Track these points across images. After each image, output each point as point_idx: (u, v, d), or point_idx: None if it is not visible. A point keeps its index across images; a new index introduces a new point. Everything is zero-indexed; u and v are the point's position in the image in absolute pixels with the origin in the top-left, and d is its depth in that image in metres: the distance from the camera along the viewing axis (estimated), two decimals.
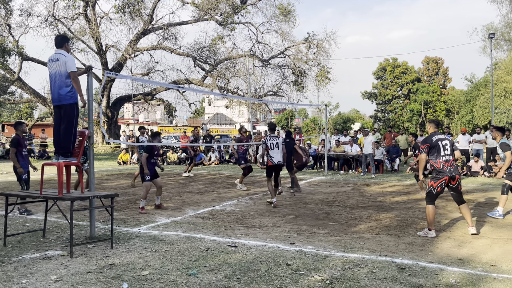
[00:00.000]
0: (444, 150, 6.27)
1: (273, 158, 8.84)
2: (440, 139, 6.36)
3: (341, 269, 4.58)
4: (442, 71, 58.06)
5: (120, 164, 20.02)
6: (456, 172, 6.28)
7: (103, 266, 4.64)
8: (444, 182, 6.22)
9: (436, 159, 6.24)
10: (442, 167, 6.19)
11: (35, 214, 7.75)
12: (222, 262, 4.81)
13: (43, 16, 27.34)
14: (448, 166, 6.20)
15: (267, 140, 8.91)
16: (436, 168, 6.23)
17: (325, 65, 31.30)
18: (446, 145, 6.32)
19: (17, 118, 58.65)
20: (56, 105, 5.51)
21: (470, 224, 6.36)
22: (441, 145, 6.28)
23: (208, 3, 28.23)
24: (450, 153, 6.30)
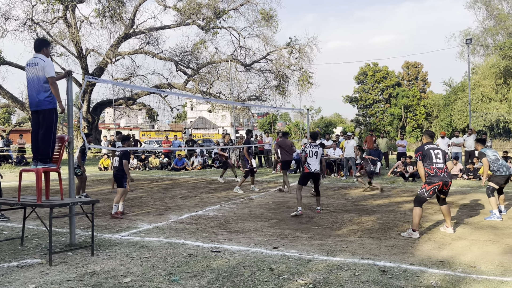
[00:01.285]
0: (436, 158, 6.56)
1: (310, 165, 8.55)
2: (432, 148, 6.67)
3: (324, 273, 4.59)
4: (422, 76, 59.17)
5: (101, 169, 19.73)
6: (450, 179, 6.65)
7: (84, 274, 4.55)
8: (437, 187, 6.51)
9: (429, 166, 6.51)
10: (436, 173, 6.47)
11: (13, 222, 7.56)
12: (205, 267, 4.78)
13: (22, 20, 26.78)
14: (442, 173, 6.51)
15: (306, 147, 8.78)
16: (429, 174, 6.50)
17: (307, 69, 31.51)
18: (438, 154, 6.63)
19: None
20: (34, 110, 5.40)
21: (448, 225, 6.61)
22: (433, 153, 6.59)
23: (190, 7, 28.14)
24: (442, 161, 6.61)
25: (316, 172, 8.62)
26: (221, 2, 29.89)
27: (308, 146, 8.83)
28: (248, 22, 31.00)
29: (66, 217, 6.28)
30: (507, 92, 38.54)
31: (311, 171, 8.56)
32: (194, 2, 28.15)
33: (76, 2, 26.32)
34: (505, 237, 6.34)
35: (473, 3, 43.26)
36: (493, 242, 6.02)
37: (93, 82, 28.31)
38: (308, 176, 8.68)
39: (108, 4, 25.61)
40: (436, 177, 6.47)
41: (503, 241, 6.06)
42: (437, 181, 6.46)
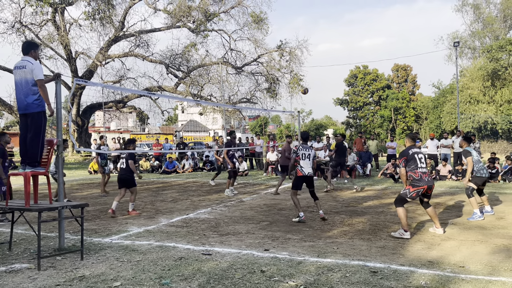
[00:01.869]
0: (420, 162, 6.63)
1: (303, 169, 8.14)
2: (416, 152, 6.71)
3: (315, 275, 4.61)
4: (411, 78, 59.74)
5: (91, 173, 19.58)
6: (433, 183, 6.75)
7: (73, 279, 4.51)
8: (422, 190, 6.56)
9: (414, 170, 6.57)
10: (420, 177, 6.53)
11: (1, 226, 7.46)
12: (196, 270, 4.76)
13: (10, 22, 26.56)
14: (426, 177, 6.58)
15: (298, 150, 8.30)
16: (414, 178, 6.57)
17: (297, 72, 31.66)
18: (422, 158, 6.69)
19: None
20: (22, 113, 5.34)
21: (438, 226, 6.67)
22: (417, 158, 6.64)
23: (180, 10, 28.13)
24: (425, 165, 6.70)
25: (310, 175, 8.22)
26: (212, 5, 29.94)
27: (300, 148, 8.40)
28: (238, 25, 31.11)
29: (55, 221, 6.22)
30: (495, 94, 39.08)
31: (305, 175, 8.15)
32: (184, 4, 28.14)
33: (65, 4, 26.15)
34: (493, 237, 6.42)
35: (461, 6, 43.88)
36: (481, 242, 6.09)
37: (83, 85, 28.12)
38: (301, 179, 8.21)
39: (98, 6, 25.49)
40: (422, 181, 6.54)
41: (491, 241, 6.13)
42: (422, 184, 6.53)
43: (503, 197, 10.78)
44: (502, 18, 42.55)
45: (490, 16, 42.89)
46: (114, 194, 10.90)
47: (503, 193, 11.68)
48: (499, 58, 38.04)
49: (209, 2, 29.53)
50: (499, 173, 14.42)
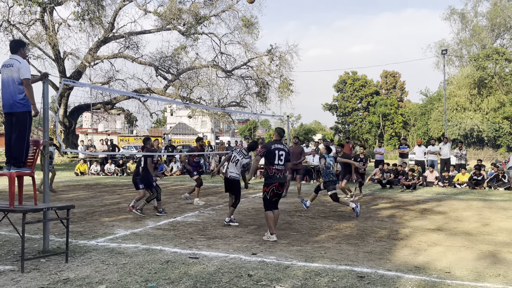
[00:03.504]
0: (279, 160, 6.58)
1: (228, 170, 7.94)
2: (278, 148, 6.62)
3: (302, 279, 4.60)
4: (399, 85, 60.35)
5: (78, 174, 19.35)
6: (285, 180, 6.79)
7: (57, 281, 4.43)
8: (274, 188, 6.57)
9: (270, 166, 6.57)
10: (274, 173, 6.57)
11: None
12: (182, 274, 4.72)
13: None
14: (279, 174, 6.58)
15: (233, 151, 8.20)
16: (268, 174, 6.59)
17: (287, 77, 31.79)
18: (282, 155, 6.61)
19: None
20: (7, 112, 5.25)
21: (272, 231, 6.59)
22: (277, 154, 6.58)
23: (171, 13, 28.07)
24: (283, 163, 6.63)
25: (233, 178, 7.90)
26: (203, 8, 29.96)
27: (238, 152, 8.13)
28: (229, 29, 31.16)
29: (39, 222, 6.12)
30: (481, 102, 39.71)
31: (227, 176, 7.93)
32: (175, 7, 28.10)
33: (54, 4, 25.90)
34: (478, 243, 6.49)
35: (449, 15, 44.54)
36: (467, 248, 6.15)
37: (71, 85, 27.86)
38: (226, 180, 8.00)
39: (88, 7, 25.30)
40: (273, 178, 6.55)
41: (477, 247, 6.20)
42: (274, 182, 6.55)
43: (489, 204, 10.92)
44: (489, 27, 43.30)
45: (478, 25, 43.61)
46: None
47: (489, 200, 11.83)
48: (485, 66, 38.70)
49: (200, 5, 29.56)
50: (485, 180, 14.61)
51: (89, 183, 15.99)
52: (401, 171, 15.18)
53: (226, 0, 30.64)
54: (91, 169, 19.72)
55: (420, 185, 14.92)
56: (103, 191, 13.36)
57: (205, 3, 30.22)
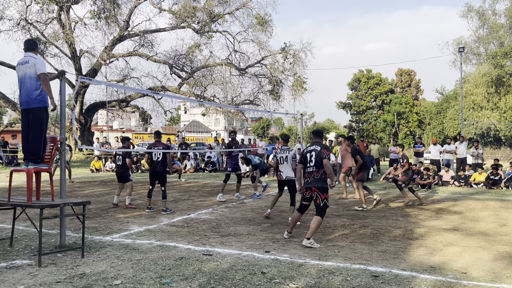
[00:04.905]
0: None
1: (282, 173, 8.05)
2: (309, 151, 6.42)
3: (315, 277, 4.58)
4: (415, 83, 59.64)
5: (93, 171, 19.60)
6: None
7: (73, 276, 4.50)
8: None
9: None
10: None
11: (3, 223, 7.47)
12: (196, 271, 4.74)
13: (15, 20, 26.67)
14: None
15: (277, 153, 8.19)
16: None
17: (301, 75, 31.67)
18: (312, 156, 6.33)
19: None
20: (24, 109, 5.34)
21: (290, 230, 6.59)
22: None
23: (185, 11, 28.18)
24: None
25: (288, 179, 7.98)
26: (217, 6, 30.00)
27: (279, 151, 8.11)
28: (243, 27, 31.15)
29: (56, 218, 6.22)
30: (498, 101, 38.97)
31: (283, 179, 8.03)
32: (189, 5, 28.20)
33: (71, 3, 26.23)
34: (496, 243, 6.38)
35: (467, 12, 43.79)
36: (484, 249, 6.05)
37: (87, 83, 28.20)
38: (281, 183, 8.14)
39: (104, 5, 25.55)
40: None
41: (494, 248, 6.10)
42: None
43: (506, 204, 10.73)
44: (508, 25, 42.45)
45: (496, 23, 42.80)
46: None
47: (506, 200, 11.63)
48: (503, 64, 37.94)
49: (214, 3, 29.60)
50: (502, 180, 14.36)
51: (104, 179, 16.18)
52: (416, 170, 15.00)
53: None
54: (106, 166, 19.95)
55: (435, 185, 14.73)
56: None
57: (219, 1, 30.27)
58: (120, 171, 9.73)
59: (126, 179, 9.65)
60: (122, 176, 9.67)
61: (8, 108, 32.83)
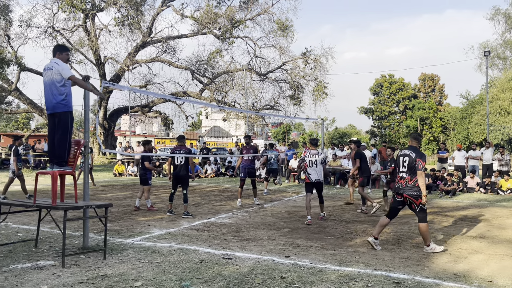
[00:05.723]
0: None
1: (311, 176, 8.46)
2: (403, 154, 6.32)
3: (336, 283, 4.53)
4: (438, 88, 58.59)
5: (116, 175, 19.92)
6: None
7: (95, 277, 4.57)
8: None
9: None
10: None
11: (28, 224, 7.66)
12: (216, 274, 4.75)
13: (43, 27, 27.51)
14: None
15: (306, 157, 8.55)
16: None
17: (322, 80, 31.52)
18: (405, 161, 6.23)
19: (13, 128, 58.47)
20: (50, 114, 5.48)
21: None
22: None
23: (207, 17, 28.50)
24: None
25: (317, 181, 8.49)
26: (238, 12, 30.23)
27: (308, 155, 8.52)
28: (264, 32, 31.25)
29: (80, 220, 6.34)
30: None
31: (312, 181, 8.48)
32: (211, 11, 28.51)
33: (96, 10, 26.86)
34: None
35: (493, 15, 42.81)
36: (511, 257, 5.87)
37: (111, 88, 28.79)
38: (310, 185, 8.57)
39: (127, 13, 26.07)
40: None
41: None
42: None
43: None
44: None
45: None
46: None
47: None
48: None
49: (235, 9, 29.85)
50: None
51: (127, 183, 16.42)
52: (440, 176, 14.70)
53: (261, 4, 30.83)
54: (128, 170, 20.25)
55: (460, 191, 14.39)
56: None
57: (240, 7, 30.51)
58: (141, 173, 10.05)
59: (145, 182, 9.84)
60: (142, 179, 9.93)
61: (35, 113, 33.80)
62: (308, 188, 8.64)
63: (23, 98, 29.42)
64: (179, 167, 9.08)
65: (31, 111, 32.54)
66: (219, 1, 30.42)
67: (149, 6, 28.55)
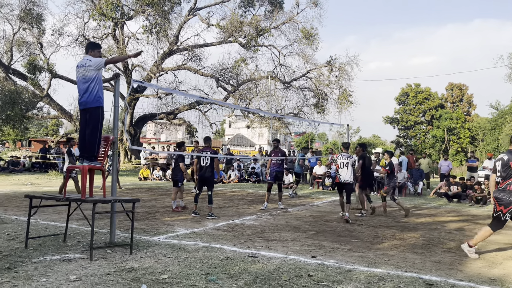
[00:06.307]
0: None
1: (340, 176, 9.22)
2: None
3: (365, 283, 4.40)
4: (467, 98, 57.18)
5: (141, 179, 20.16)
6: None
7: (122, 269, 4.58)
8: None
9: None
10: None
11: (57, 221, 7.79)
12: (242, 270, 4.70)
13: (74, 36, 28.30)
14: None
15: (338, 158, 9.37)
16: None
17: (347, 88, 31.25)
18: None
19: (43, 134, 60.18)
20: (82, 109, 5.59)
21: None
22: None
23: (232, 25, 28.76)
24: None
25: (346, 182, 9.18)
26: (263, 20, 30.39)
27: (340, 157, 9.33)
28: (288, 41, 31.25)
29: (107, 215, 6.41)
30: None
31: (341, 181, 9.23)
32: (236, 20, 28.77)
33: (126, 19, 27.51)
34: None
35: None
36: None
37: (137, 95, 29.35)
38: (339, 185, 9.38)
39: (155, 20, 26.59)
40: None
41: None
42: None
43: None
44: None
45: None
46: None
47: None
48: None
49: (260, 18, 30.02)
50: None
51: (152, 187, 16.59)
52: (470, 185, 14.26)
53: (286, 13, 30.91)
54: (154, 175, 20.48)
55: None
56: (165, 194, 13.80)
57: (265, 16, 30.67)
58: (173, 175, 10.22)
59: (176, 184, 9.97)
60: (174, 180, 10.10)
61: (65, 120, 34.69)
62: (339, 187, 9.49)
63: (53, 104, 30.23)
64: (205, 168, 9.10)
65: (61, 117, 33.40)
66: (245, 10, 30.71)
67: (176, 14, 29.04)
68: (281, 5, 30.78)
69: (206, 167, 9.09)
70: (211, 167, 9.11)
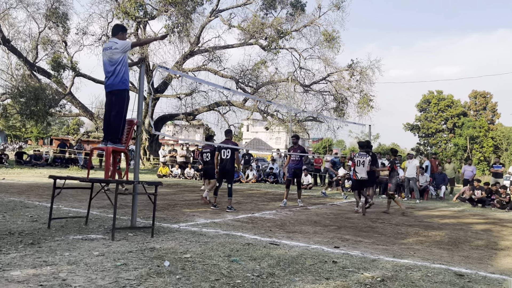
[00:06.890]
0: None
1: (357, 173, 9.85)
2: None
3: (392, 271, 4.26)
4: (491, 106, 56.03)
5: (160, 176, 20.27)
6: None
7: (144, 249, 4.54)
8: None
9: None
10: None
11: (78, 208, 7.82)
12: (264, 254, 4.61)
13: (97, 35, 28.76)
14: None
15: (355, 157, 10.03)
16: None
17: (367, 92, 30.91)
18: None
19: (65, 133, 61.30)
20: (108, 91, 5.61)
21: None
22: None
23: (254, 27, 28.81)
24: None
25: (363, 179, 9.78)
26: (285, 23, 30.36)
27: (357, 155, 9.91)
28: (309, 44, 31.12)
29: (130, 194, 6.40)
30: None
31: (358, 178, 9.85)
32: (258, 21, 28.81)
33: (148, 18, 27.85)
34: None
35: None
36: None
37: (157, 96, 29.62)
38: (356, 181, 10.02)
39: (178, 20, 26.84)
40: None
41: None
42: None
43: None
44: None
45: None
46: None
47: None
48: None
49: (282, 20, 30.00)
50: None
51: (170, 183, 16.64)
52: (495, 190, 13.86)
53: (308, 16, 30.82)
54: (172, 172, 20.56)
55: None
56: (184, 190, 13.81)
57: (287, 19, 30.63)
58: (207, 167, 9.89)
59: (212, 176, 9.73)
60: (209, 173, 9.80)
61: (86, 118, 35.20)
62: (356, 184, 10.07)
63: (75, 102, 30.71)
64: (225, 161, 9.05)
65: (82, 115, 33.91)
66: (266, 12, 30.74)
67: (198, 14, 29.24)
68: (303, 8, 30.72)
69: (226, 159, 9.04)
70: (231, 160, 9.05)
